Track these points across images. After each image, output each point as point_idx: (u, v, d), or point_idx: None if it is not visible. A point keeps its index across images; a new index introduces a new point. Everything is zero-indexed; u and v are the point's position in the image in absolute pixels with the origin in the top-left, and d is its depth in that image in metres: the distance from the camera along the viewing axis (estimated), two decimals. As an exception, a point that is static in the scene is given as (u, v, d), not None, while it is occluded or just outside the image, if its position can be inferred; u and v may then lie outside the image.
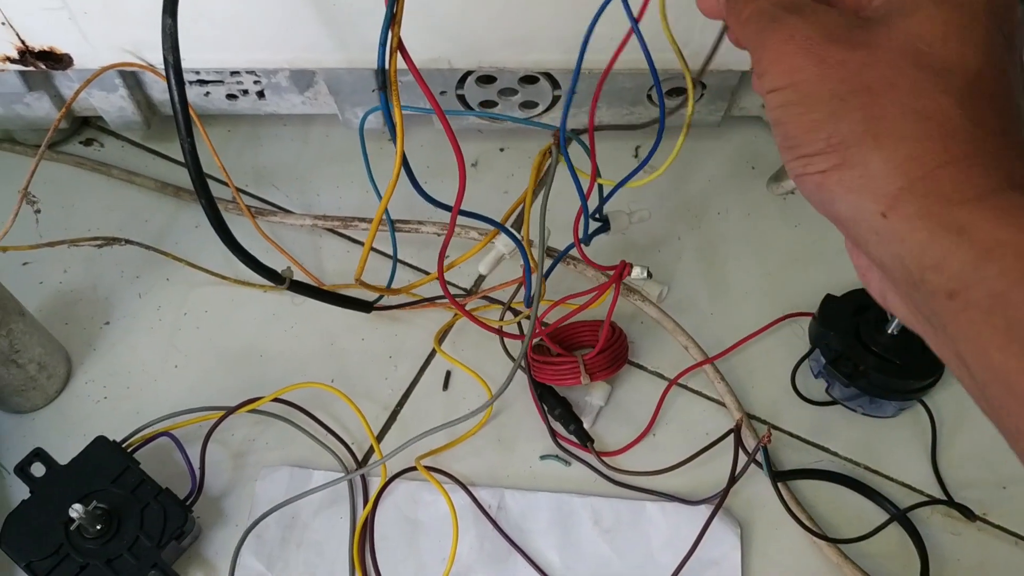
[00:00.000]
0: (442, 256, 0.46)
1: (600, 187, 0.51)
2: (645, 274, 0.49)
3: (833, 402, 0.56)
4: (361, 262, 0.47)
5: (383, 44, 0.36)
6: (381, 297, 0.55)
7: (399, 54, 0.37)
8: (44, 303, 0.60)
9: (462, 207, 0.41)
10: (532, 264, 0.47)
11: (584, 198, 0.48)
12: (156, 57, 0.56)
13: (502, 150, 0.67)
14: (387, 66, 0.37)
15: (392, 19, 0.36)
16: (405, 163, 0.39)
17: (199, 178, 0.44)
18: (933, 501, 0.53)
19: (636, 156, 0.67)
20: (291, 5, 0.52)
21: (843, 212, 0.29)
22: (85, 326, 0.60)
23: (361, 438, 0.55)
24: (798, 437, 0.55)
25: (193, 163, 0.44)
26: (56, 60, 0.56)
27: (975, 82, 0.28)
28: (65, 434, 0.55)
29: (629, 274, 0.49)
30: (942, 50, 0.29)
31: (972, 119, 0.28)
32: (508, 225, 0.49)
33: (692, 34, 0.52)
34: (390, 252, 0.56)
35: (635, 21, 0.44)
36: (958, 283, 0.26)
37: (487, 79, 0.60)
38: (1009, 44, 0.30)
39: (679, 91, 0.61)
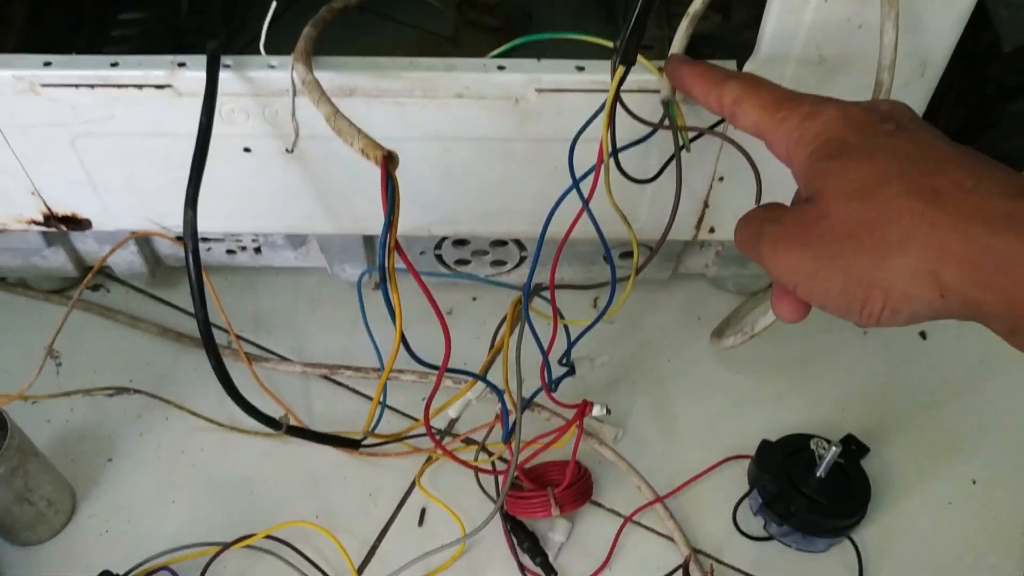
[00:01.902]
0: (428, 407, 0.53)
1: (567, 332, 0.58)
2: (605, 411, 0.56)
3: (770, 538, 0.62)
4: (369, 418, 0.53)
5: (383, 245, 0.43)
6: (365, 438, 0.61)
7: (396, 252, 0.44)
8: (51, 440, 0.65)
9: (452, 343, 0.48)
10: (511, 406, 0.54)
11: (544, 352, 0.55)
12: (170, 222, 0.63)
13: (474, 299, 0.74)
14: (386, 263, 0.44)
15: (389, 225, 0.43)
16: (404, 341, 0.45)
17: (213, 350, 0.50)
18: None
19: (595, 306, 0.74)
20: (291, 185, 0.59)
21: (920, 317, 0.34)
22: (90, 462, 0.65)
23: (343, 571, 0.60)
24: (740, 571, 0.61)
25: (207, 339, 0.50)
26: (77, 223, 0.63)
27: (902, 167, 0.34)
28: (70, 567, 0.59)
29: (591, 412, 0.56)
30: (859, 177, 0.35)
31: (924, 193, 0.33)
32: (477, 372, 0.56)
33: (640, 211, 0.61)
34: (370, 394, 0.63)
35: (586, 203, 0.52)
36: None
37: (462, 242, 0.68)
38: (899, 125, 0.36)
39: (630, 254, 0.69)
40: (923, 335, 0.73)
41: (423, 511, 0.63)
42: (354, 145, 0.45)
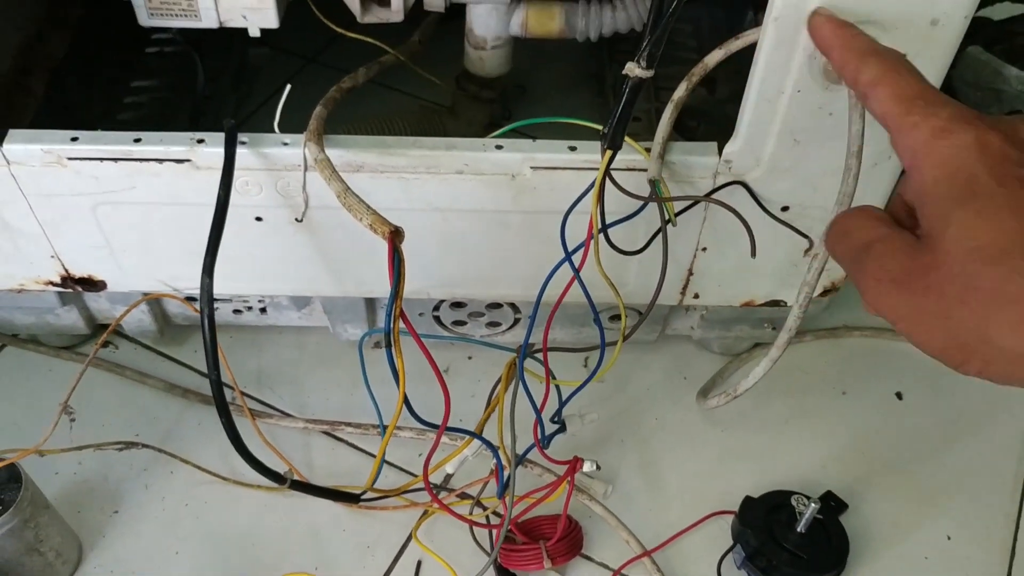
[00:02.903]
0: (427, 464, 0.55)
1: (559, 391, 0.61)
2: (595, 467, 0.59)
3: (754, 591, 0.65)
4: (372, 473, 0.56)
5: (389, 314, 0.47)
6: (364, 493, 0.64)
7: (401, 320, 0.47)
8: (59, 492, 0.68)
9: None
10: (505, 462, 0.57)
11: (538, 411, 0.58)
12: (181, 284, 0.66)
13: (470, 358, 0.77)
14: (392, 330, 0.47)
15: (396, 295, 0.46)
16: (407, 402, 0.48)
17: (224, 409, 0.53)
18: None
19: (585, 366, 0.77)
20: (299, 251, 0.63)
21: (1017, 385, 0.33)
22: (96, 514, 0.67)
23: (343, 624, 0.62)
24: (724, 623, 0.64)
25: (219, 399, 0.53)
26: (92, 285, 0.66)
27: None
28: (75, 617, 0.61)
29: (581, 468, 0.58)
30: (983, 236, 0.32)
31: None
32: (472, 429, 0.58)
33: (628, 277, 0.64)
34: (372, 451, 0.65)
35: (577, 272, 0.55)
36: None
37: (459, 304, 0.71)
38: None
39: (619, 316, 0.72)
40: (899, 395, 0.77)
41: (419, 563, 0.66)
42: (363, 221, 0.48)
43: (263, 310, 0.73)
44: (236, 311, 0.74)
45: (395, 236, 0.47)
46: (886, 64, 0.39)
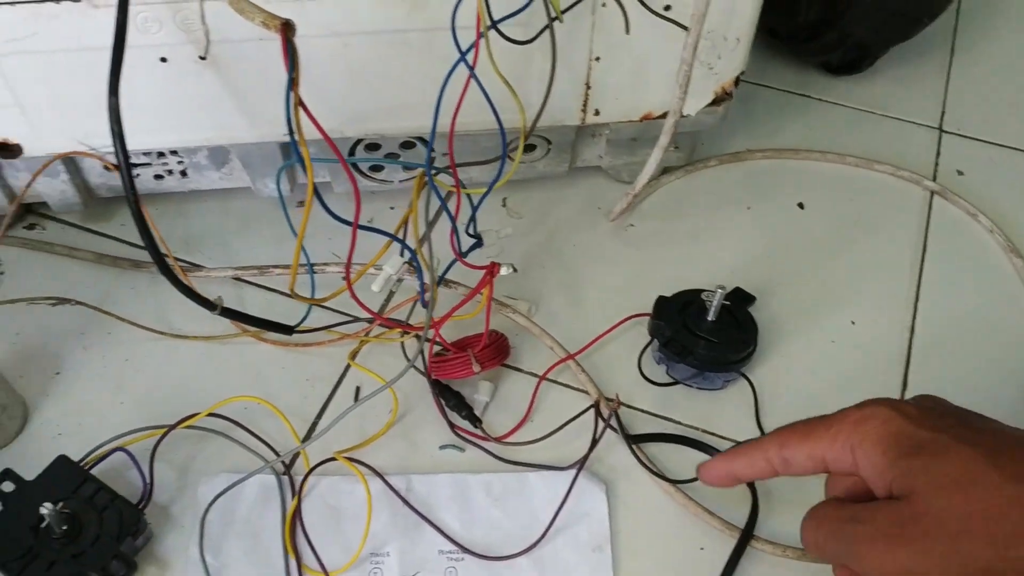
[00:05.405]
0: (348, 266, 0.57)
1: (470, 200, 0.63)
2: (511, 269, 0.62)
3: (674, 383, 0.69)
4: (292, 273, 0.58)
5: (287, 101, 0.49)
6: (301, 322, 0.66)
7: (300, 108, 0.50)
8: (1, 360, 0.69)
9: (359, 229, 0.54)
10: (424, 266, 0.59)
11: (452, 218, 0.61)
12: (97, 142, 0.67)
13: (392, 208, 0.80)
14: (292, 118, 0.49)
15: (293, 81, 0.49)
16: (317, 193, 0.51)
17: (140, 219, 0.55)
18: (757, 450, 0.66)
19: (504, 206, 0.80)
20: (208, 93, 0.64)
21: None
22: (38, 376, 0.69)
23: (288, 446, 0.65)
24: (648, 412, 0.68)
25: (137, 213, 0.55)
26: (8, 150, 0.67)
27: (988, 457, 0.36)
28: (26, 466, 0.63)
29: (499, 272, 0.61)
30: (952, 471, 0.36)
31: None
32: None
33: (530, 97, 0.67)
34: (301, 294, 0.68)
35: (471, 68, 0.57)
36: None
37: (374, 146, 0.74)
38: (959, 419, 0.39)
39: (529, 147, 0.76)
40: (801, 205, 0.81)
41: (358, 388, 0.69)
42: (255, 20, 0.50)
43: (183, 173, 0.75)
44: (157, 176, 0.75)
45: (287, 28, 0.49)
46: (779, 431, 0.45)
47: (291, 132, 0.50)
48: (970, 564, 0.35)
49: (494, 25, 0.57)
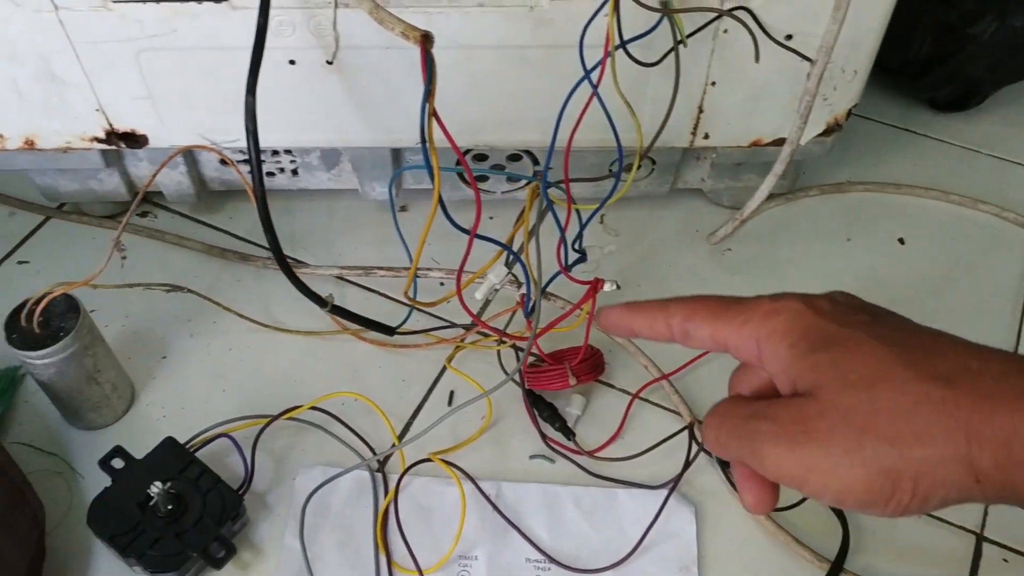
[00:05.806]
0: (459, 274, 0.59)
1: (579, 216, 0.64)
2: (615, 286, 0.62)
3: (767, 410, 0.69)
4: (409, 276, 0.59)
5: (423, 110, 0.50)
6: (403, 323, 0.68)
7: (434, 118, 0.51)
8: (110, 342, 0.72)
9: (474, 244, 0.55)
10: (532, 277, 0.60)
11: (562, 229, 0.61)
12: (218, 137, 0.70)
13: (492, 218, 0.81)
14: (426, 126, 0.51)
15: (429, 92, 0.50)
16: (441, 203, 0.52)
17: (266, 219, 0.57)
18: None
19: (602, 223, 0.81)
20: (331, 96, 0.66)
21: (949, 503, 0.33)
22: (146, 360, 0.71)
23: (382, 443, 0.66)
24: (739, 437, 0.68)
25: (262, 207, 0.57)
26: (135, 140, 0.70)
27: (900, 354, 0.34)
28: (131, 445, 0.65)
29: (602, 288, 0.62)
30: (859, 367, 0.34)
31: (935, 377, 0.33)
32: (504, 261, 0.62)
33: (642, 118, 0.68)
34: (401, 299, 0.69)
35: (595, 86, 0.58)
36: None
37: (481, 157, 0.75)
38: (872, 315, 0.37)
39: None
40: (902, 241, 0.80)
41: (452, 393, 0.70)
42: (395, 30, 0.52)
43: (295, 171, 0.77)
44: (270, 173, 0.77)
45: (426, 40, 0.51)
46: (689, 299, 0.42)
47: (423, 140, 0.51)
48: (871, 463, 0.33)
49: (623, 45, 0.58)
